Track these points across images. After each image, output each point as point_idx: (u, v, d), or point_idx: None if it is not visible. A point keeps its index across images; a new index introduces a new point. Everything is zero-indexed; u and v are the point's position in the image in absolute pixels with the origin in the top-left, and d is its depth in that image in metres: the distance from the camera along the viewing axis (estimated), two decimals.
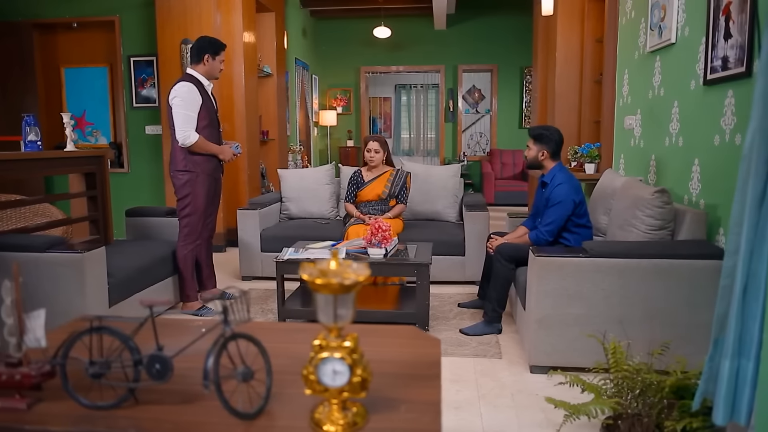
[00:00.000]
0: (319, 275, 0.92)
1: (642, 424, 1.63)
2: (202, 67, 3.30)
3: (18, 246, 2.61)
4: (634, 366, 1.67)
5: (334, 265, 0.95)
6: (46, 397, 1.07)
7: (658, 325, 2.35)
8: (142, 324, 1.03)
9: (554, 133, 3.01)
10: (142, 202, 5.37)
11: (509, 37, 8.93)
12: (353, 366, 0.95)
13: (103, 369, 1.02)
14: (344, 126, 9.65)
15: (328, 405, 0.98)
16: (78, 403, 1.03)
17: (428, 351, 1.32)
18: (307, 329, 1.59)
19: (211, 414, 1.02)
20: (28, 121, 3.24)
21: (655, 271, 2.39)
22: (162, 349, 1.01)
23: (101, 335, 1.03)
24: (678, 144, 2.97)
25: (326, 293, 0.92)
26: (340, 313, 0.94)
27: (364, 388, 0.97)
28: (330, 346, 0.96)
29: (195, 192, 3.30)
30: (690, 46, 2.83)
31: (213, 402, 1.05)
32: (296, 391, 1.07)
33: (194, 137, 3.19)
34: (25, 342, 1.03)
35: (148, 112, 5.49)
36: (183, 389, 1.09)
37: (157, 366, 1.00)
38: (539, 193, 3.19)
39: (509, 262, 2.97)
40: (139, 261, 3.12)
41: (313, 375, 0.96)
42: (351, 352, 0.95)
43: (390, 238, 3.10)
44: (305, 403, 1.04)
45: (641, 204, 2.61)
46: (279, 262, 3.07)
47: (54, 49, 5.65)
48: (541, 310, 2.49)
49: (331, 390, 0.96)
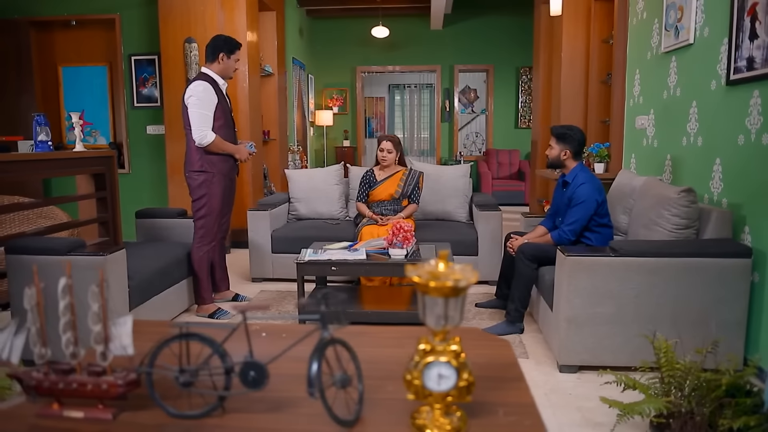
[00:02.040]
0: (431, 277, 0.89)
1: (694, 423, 1.63)
2: (217, 66, 3.25)
3: (38, 249, 2.54)
4: (686, 364, 1.67)
5: (442, 267, 0.93)
6: (127, 406, 1.03)
7: (688, 324, 2.37)
8: (234, 330, 0.99)
9: (577, 132, 3.02)
10: (144, 203, 5.28)
11: (505, 38, 8.97)
12: (460, 370, 0.93)
13: (193, 377, 0.98)
14: (340, 126, 9.61)
15: (430, 410, 0.96)
16: (165, 413, 0.99)
17: (500, 352, 1.31)
18: (361, 332, 1.57)
19: (304, 422, 0.99)
20: (39, 121, 3.16)
21: (684, 270, 2.41)
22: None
23: (188, 342, 1.00)
24: (697, 143, 3.00)
25: (436, 296, 0.90)
26: (451, 316, 0.91)
27: (470, 392, 0.95)
28: (436, 350, 0.94)
29: (211, 192, 3.24)
30: (710, 47, 2.86)
31: (303, 409, 1.02)
32: (380, 396, 1.05)
33: (211, 137, 3.13)
34: (111, 350, 0.99)
35: (150, 111, 5.40)
36: (269, 396, 1.06)
37: (252, 373, 0.97)
38: (559, 192, 3.20)
39: (532, 261, 2.98)
40: (155, 263, 3.06)
41: (418, 380, 0.93)
42: (457, 356, 0.93)
43: (412, 238, 3.08)
44: (396, 408, 1.02)
45: (667, 203, 2.63)
46: (300, 264, 3.03)
47: (51, 48, 5.52)
48: (570, 309, 2.50)
49: (435, 395, 0.94)
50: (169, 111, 4.99)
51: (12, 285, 2.56)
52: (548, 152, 3.09)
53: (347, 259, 3.04)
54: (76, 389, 0.98)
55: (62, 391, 0.99)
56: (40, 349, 1.00)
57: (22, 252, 2.53)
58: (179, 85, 4.97)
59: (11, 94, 5.30)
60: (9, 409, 1.04)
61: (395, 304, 3.34)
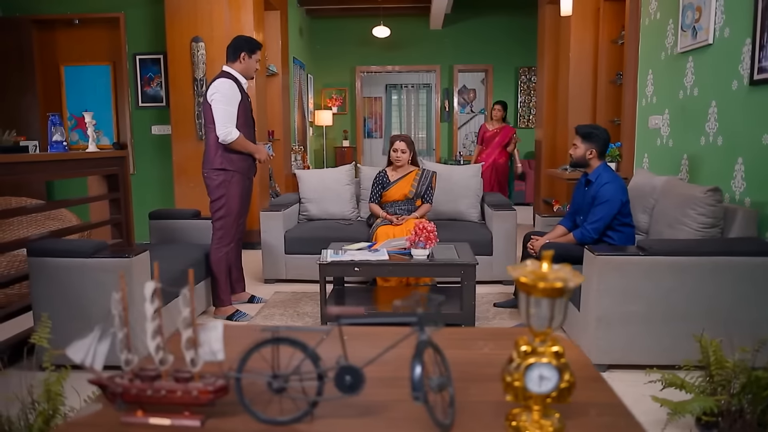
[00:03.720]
0: (538, 278, 0.88)
1: (744, 421, 1.64)
2: (238, 66, 3.22)
3: (61, 251, 2.49)
4: (735, 363, 1.68)
5: (546, 268, 0.92)
6: (212, 412, 1.01)
7: (719, 322, 2.38)
8: (327, 334, 0.97)
9: (603, 132, 3.03)
10: (149, 204, 5.21)
11: (504, 38, 9.00)
12: (561, 371, 0.92)
13: (286, 382, 0.96)
14: (339, 126, 9.58)
15: (526, 412, 0.95)
16: (255, 419, 0.97)
17: (570, 353, 1.30)
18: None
19: (400, 426, 0.97)
20: (54, 121, 3.11)
21: (713, 269, 2.42)
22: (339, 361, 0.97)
23: (278, 347, 0.97)
24: (717, 143, 3.03)
25: (542, 296, 0.89)
26: (555, 317, 0.91)
27: (570, 393, 0.94)
28: (537, 352, 0.93)
29: (230, 193, 3.21)
30: (731, 47, 2.88)
31: (392, 413, 1.01)
32: (466, 398, 1.04)
33: (235, 134, 3.10)
34: (200, 355, 0.96)
35: (155, 111, 5.34)
36: (354, 401, 1.04)
37: (348, 378, 0.95)
38: (580, 191, 3.21)
39: (556, 261, 2.97)
40: (177, 265, 3.02)
41: (519, 381, 0.92)
42: (558, 357, 0.93)
43: (435, 238, 3.07)
44: (483, 410, 1.01)
45: (693, 202, 2.65)
46: (323, 264, 3.01)
47: (53, 47, 5.44)
48: (600, 308, 2.50)
49: (536, 396, 0.93)
50: (176, 111, 4.94)
51: (35, 288, 2.51)
52: (573, 151, 3.10)
53: (370, 259, 3.02)
54: (164, 396, 0.96)
55: (150, 398, 0.96)
56: (127, 355, 0.97)
57: (45, 254, 2.48)
58: (186, 85, 4.92)
59: (13, 93, 5.21)
60: (91, 417, 1.01)
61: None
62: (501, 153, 6.23)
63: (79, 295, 2.49)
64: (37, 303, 2.52)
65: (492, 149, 6.20)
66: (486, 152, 6.23)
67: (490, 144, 6.23)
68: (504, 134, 6.23)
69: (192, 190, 4.94)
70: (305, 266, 4.01)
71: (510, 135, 6.24)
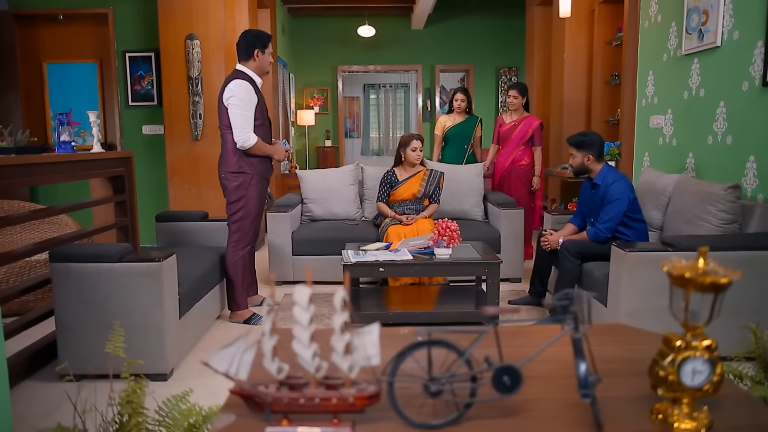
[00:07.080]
0: (700, 274, 0.90)
1: None
2: (252, 63, 3.15)
3: (86, 256, 2.38)
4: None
5: (701, 263, 0.93)
6: (360, 419, 0.98)
7: (749, 314, 2.48)
8: (482, 335, 0.97)
9: (594, 136, 3.13)
10: (142, 206, 5.04)
11: (485, 38, 9.11)
12: (714, 364, 0.94)
13: (443, 385, 0.95)
14: (322, 126, 9.50)
15: (676, 406, 0.96)
16: (408, 424, 0.95)
17: (654, 348, 1.33)
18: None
19: (549, 426, 0.97)
20: (62, 120, 2.98)
21: (738, 263, 2.52)
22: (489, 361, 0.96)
23: (429, 349, 0.96)
24: (726, 142, 3.14)
25: (704, 292, 0.91)
26: (715, 312, 0.92)
27: (721, 386, 0.96)
28: (691, 346, 0.94)
29: (248, 195, 3.14)
30: (741, 49, 3.00)
31: (536, 413, 1.01)
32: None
33: (253, 139, 3.04)
34: (356, 361, 0.94)
35: (146, 111, 5.17)
36: (495, 402, 1.04)
37: (505, 378, 0.94)
38: (587, 192, 3.28)
39: (576, 258, 3.04)
40: (196, 269, 2.93)
41: (673, 375, 0.94)
42: (711, 351, 0.95)
43: (458, 237, 3.08)
44: (619, 406, 1.02)
45: (713, 199, 2.74)
46: (347, 265, 2.98)
47: (35, 43, 5.19)
48: (631, 303, 2.56)
49: (687, 390, 0.94)
50: (169, 110, 4.80)
51: (58, 294, 2.39)
52: (571, 161, 3.18)
53: (395, 259, 3.01)
54: (318, 404, 0.93)
55: (302, 406, 0.93)
56: (280, 364, 0.94)
57: (69, 260, 2.37)
58: (180, 84, 4.79)
59: None
60: (230, 430, 0.97)
61: (427, 303, 3.34)
62: (524, 152, 4.64)
63: (104, 301, 2.39)
64: (60, 309, 2.40)
65: (509, 147, 4.66)
66: (502, 151, 4.73)
67: (507, 141, 4.68)
68: (525, 126, 4.61)
69: (187, 192, 4.81)
70: (314, 268, 3.96)
71: (534, 127, 4.60)
